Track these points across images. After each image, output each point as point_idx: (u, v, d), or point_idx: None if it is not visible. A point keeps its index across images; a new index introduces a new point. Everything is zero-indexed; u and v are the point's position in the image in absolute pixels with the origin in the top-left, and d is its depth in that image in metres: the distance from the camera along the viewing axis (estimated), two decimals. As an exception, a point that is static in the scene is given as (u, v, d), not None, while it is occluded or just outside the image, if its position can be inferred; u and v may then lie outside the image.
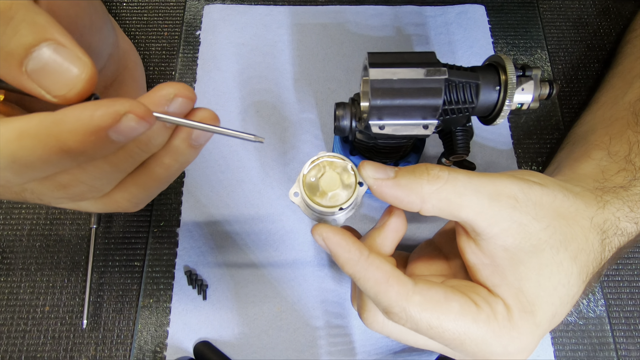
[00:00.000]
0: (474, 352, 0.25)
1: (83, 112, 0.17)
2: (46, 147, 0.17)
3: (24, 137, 0.17)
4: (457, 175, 0.25)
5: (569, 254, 0.26)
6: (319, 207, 0.27)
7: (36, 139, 0.17)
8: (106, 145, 0.18)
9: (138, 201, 0.24)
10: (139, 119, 0.18)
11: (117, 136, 0.18)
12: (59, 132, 0.17)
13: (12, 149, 0.17)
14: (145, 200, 0.24)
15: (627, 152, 0.34)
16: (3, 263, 0.43)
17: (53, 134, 0.17)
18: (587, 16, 0.54)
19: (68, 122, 0.17)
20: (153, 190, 0.24)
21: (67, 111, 0.17)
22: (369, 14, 0.53)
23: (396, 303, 0.24)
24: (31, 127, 0.17)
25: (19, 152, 0.17)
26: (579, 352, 0.41)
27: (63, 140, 0.17)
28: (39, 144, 0.17)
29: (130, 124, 0.18)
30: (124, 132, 0.18)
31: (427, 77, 0.30)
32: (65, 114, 0.17)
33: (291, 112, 0.48)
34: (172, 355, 0.40)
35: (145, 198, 0.24)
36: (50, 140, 0.17)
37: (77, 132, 0.17)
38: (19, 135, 0.17)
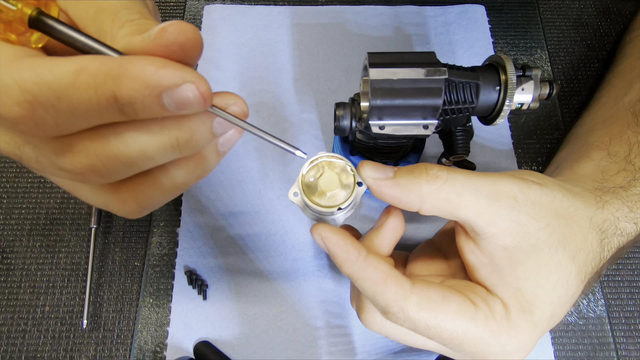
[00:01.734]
0: (472, 351, 0.25)
1: (148, 65, 0.17)
2: (100, 88, 0.16)
3: (83, 73, 0.16)
4: (456, 175, 0.25)
5: (568, 253, 0.26)
6: (317, 207, 0.27)
7: (94, 77, 0.16)
8: (154, 107, 0.17)
9: (145, 206, 0.22)
10: (197, 93, 0.17)
11: (169, 102, 0.17)
12: (119, 75, 0.16)
13: (67, 82, 0.16)
14: (151, 208, 0.23)
15: (627, 152, 0.34)
16: (3, 263, 0.43)
17: (112, 76, 0.16)
18: (587, 16, 0.54)
19: (131, 69, 0.16)
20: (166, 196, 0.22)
21: (133, 59, 0.17)
22: (369, 14, 0.53)
23: (394, 303, 0.24)
24: (93, 65, 0.16)
25: (72, 88, 0.16)
26: (579, 352, 0.41)
27: (119, 86, 0.16)
28: (95, 82, 0.16)
29: (187, 94, 0.17)
30: (177, 100, 0.17)
31: (427, 77, 0.30)
32: (130, 61, 0.17)
33: (291, 112, 0.48)
34: (172, 355, 0.40)
35: (153, 204, 0.22)
36: (108, 82, 0.16)
37: (136, 81, 0.16)
38: (79, 69, 0.16)
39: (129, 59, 0.17)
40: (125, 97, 0.16)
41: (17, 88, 0.16)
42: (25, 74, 0.16)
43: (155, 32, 0.17)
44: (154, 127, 0.19)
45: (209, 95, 0.18)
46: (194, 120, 0.19)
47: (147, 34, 0.17)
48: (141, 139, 0.18)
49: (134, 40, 0.18)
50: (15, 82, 0.16)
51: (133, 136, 0.18)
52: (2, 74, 0.16)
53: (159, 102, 0.17)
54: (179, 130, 0.19)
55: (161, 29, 0.17)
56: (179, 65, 0.17)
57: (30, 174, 0.46)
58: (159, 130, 0.19)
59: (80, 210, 0.45)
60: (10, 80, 0.16)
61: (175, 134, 0.19)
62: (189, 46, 0.18)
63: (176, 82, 0.17)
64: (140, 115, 0.17)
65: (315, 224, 0.26)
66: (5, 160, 0.46)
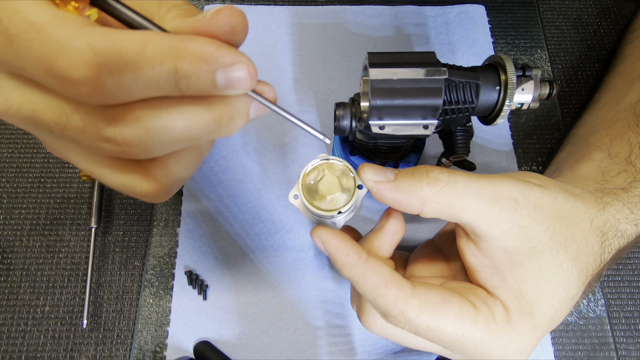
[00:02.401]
0: (473, 354, 0.25)
1: (208, 43, 0.18)
2: (165, 59, 0.17)
3: (150, 44, 0.17)
4: (457, 177, 0.25)
5: (569, 256, 0.26)
6: (318, 210, 0.28)
7: (160, 48, 0.17)
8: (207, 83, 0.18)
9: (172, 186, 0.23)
10: (247, 73, 0.19)
11: (221, 79, 0.18)
12: (182, 49, 0.17)
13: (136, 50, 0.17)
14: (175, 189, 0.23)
15: (628, 153, 0.34)
16: (3, 263, 0.43)
17: (176, 49, 0.17)
18: (587, 16, 0.54)
19: (192, 45, 0.18)
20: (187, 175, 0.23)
21: (194, 37, 0.18)
22: (369, 14, 0.53)
23: (394, 306, 0.24)
24: (157, 38, 0.17)
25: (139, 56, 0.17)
26: (579, 352, 0.41)
27: (181, 58, 0.17)
28: (161, 53, 0.17)
29: (239, 73, 0.19)
30: (229, 78, 0.18)
31: (427, 77, 0.30)
32: (191, 38, 0.18)
33: (291, 111, 0.48)
34: (172, 355, 0.40)
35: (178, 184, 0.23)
36: (172, 54, 0.17)
37: (196, 56, 0.18)
38: (145, 41, 0.17)
39: (189, 36, 0.18)
40: (185, 69, 0.18)
41: (89, 50, 0.17)
42: (98, 39, 0.17)
43: (211, 14, 0.19)
44: (202, 103, 0.20)
45: (256, 77, 0.20)
46: (237, 101, 0.21)
47: (202, 15, 0.19)
48: (189, 113, 0.19)
49: (185, 22, 0.19)
50: (88, 44, 0.17)
51: (182, 110, 0.19)
52: (76, 36, 0.17)
53: (212, 79, 0.18)
54: (223, 109, 0.20)
55: (216, 11, 0.19)
56: (232, 48, 0.19)
57: (30, 174, 0.46)
58: (206, 106, 0.20)
59: (80, 210, 0.45)
60: (83, 41, 0.17)
61: (219, 112, 0.20)
62: (239, 29, 0.19)
63: (231, 60, 0.18)
64: (191, 90, 0.18)
65: (316, 226, 0.27)
66: (5, 160, 0.46)
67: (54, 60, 0.17)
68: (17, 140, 0.47)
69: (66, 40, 0.17)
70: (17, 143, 0.47)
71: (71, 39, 0.17)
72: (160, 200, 0.23)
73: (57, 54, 0.17)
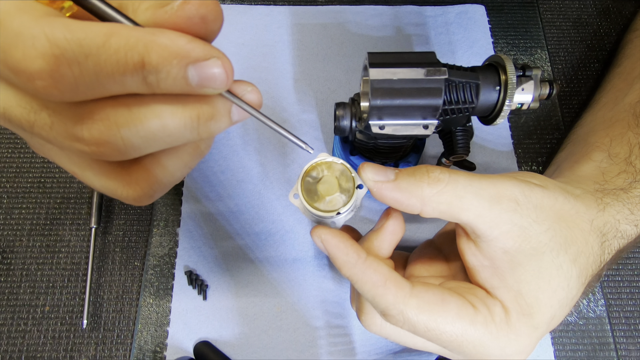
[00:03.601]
0: (471, 353, 0.25)
1: (179, 37, 0.17)
2: (131, 51, 0.16)
3: (115, 36, 0.16)
4: (457, 177, 0.25)
5: (569, 256, 0.26)
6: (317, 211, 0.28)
7: (126, 40, 0.16)
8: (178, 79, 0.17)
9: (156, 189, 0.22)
10: (222, 70, 0.18)
11: (193, 75, 0.17)
12: (150, 42, 0.16)
13: (98, 41, 0.16)
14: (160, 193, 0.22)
15: (628, 154, 0.34)
16: (3, 263, 0.43)
17: (144, 42, 0.16)
18: (587, 16, 0.54)
19: (162, 37, 0.17)
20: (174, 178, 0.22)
21: (164, 30, 0.17)
22: (369, 14, 0.53)
23: (393, 306, 0.24)
24: (124, 30, 0.17)
25: (102, 48, 0.16)
26: (579, 352, 0.41)
27: (148, 51, 0.16)
28: (126, 45, 0.16)
29: (212, 69, 0.17)
30: (201, 74, 0.17)
31: (427, 77, 0.30)
32: (161, 31, 0.17)
33: (291, 112, 0.48)
34: (172, 355, 0.40)
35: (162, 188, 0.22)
36: (139, 46, 0.16)
37: (166, 50, 0.17)
38: (110, 32, 0.16)
39: (159, 30, 0.17)
40: (154, 63, 0.17)
41: (46, 40, 0.16)
42: (57, 29, 0.16)
43: (178, 4, 0.17)
44: (177, 102, 0.19)
45: (231, 74, 0.18)
46: (215, 101, 0.19)
47: (170, 6, 0.18)
48: (163, 112, 0.18)
49: (157, 13, 0.18)
50: (45, 34, 0.16)
51: (155, 108, 0.18)
52: (33, 25, 0.16)
53: (184, 75, 0.17)
54: (200, 108, 0.19)
55: (183, 1, 0.17)
56: (205, 42, 0.18)
57: (30, 174, 0.46)
58: (181, 105, 0.19)
59: (80, 210, 0.45)
60: (40, 31, 0.16)
61: (196, 112, 0.19)
62: (210, 19, 0.18)
63: (204, 55, 0.17)
64: (161, 87, 0.17)
65: (315, 226, 0.27)
66: (5, 161, 0.46)
67: (8, 50, 0.16)
68: (17, 140, 0.47)
69: (22, 29, 0.16)
70: (17, 143, 0.47)
71: (28, 28, 0.16)
72: (144, 203, 0.22)
73: (12, 43, 0.16)
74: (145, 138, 0.18)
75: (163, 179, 0.21)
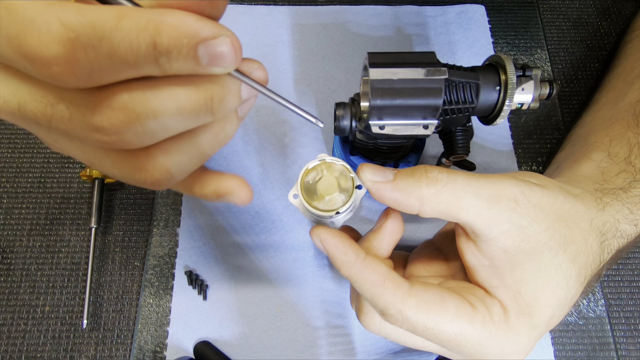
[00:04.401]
0: (470, 353, 0.25)
1: (188, 16, 0.17)
2: (143, 33, 0.16)
3: (126, 17, 0.16)
4: (456, 177, 0.25)
5: (568, 256, 0.26)
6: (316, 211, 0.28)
7: (137, 22, 0.16)
8: (188, 58, 0.17)
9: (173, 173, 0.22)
10: (231, 47, 0.18)
11: (203, 54, 0.17)
12: (161, 22, 0.16)
13: (111, 24, 0.16)
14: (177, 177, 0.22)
15: (627, 153, 0.34)
16: (3, 263, 0.43)
17: (154, 23, 0.16)
18: (587, 16, 0.54)
19: (172, 18, 0.17)
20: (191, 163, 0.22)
21: (173, 11, 0.17)
22: (369, 14, 0.53)
23: (392, 305, 0.24)
24: (134, 12, 0.17)
25: (114, 30, 0.16)
26: (579, 352, 0.41)
27: (160, 32, 0.16)
28: (138, 27, 0.16)
29: (222, 48, 0.18)
30: (212, 52, 0.17)
31: (427, 77, 0.30)
32: (170, 12, 0.17)
33: (291, 113, 0.48)
34: (172, 355, 0.40)
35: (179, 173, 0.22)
36: (150, 27, 0.16)
37: (176, 30, 0.17)
38: (121, 14, 0.16)
39: (168, 10, 0.17)
40: (165, 44, 0.17)
41: (60, 25, 0.16)
42: (70, 13, 0.16)
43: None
44: (190, 84, 0.19)
45: (240, 52, 0.18)
46: (226, 80, 0.20)
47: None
48: (178, 95, 0.19)
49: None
50: (59, 18, 0.16)
51: (170, 92, 0.18)
52: (46, 10, 0.16)
53: (194, 54, 0.17)
54: (213, 89, 0.19)
55: None
56: (214, 21, 0.18)
57: (30, 174, 0.46)
58: (194, 87, 0.19)
59: (80, 210, 0.45)
60: (54, 16, 0.16)
61: (210, 92, 0.19)
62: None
63: (213, 34, 0.17)
64: (173, 68, 0.18)
65: (315, 226, 0.27)
66: (5, 161, 0.46)
67: (23, 38, 0.16)
68: (17, 140, 0.47)
69: (35, 15, 0.16)
70: (17, 143, 0.47)
71: (40, 13, 0.16)
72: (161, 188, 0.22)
73: (26, 30, 0.16)
74: (163, 122, 0.19)
75: (180, 163, 0.21)
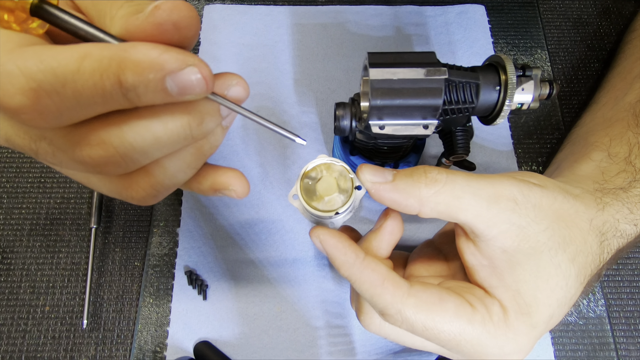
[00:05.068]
0: (470, 352, 0.25)
1: (152, 49, 0.17)
2: (105, 72, 0.16)
3: (88, 58, 0.16)
4: (455, 177, 0.25)
5: (567, 256, 0.26)
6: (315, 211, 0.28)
7: (99, 62, 0.16)
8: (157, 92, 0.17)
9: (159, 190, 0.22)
10: (200, 76, 0.17)
11: (172, 85, 0.17)
12: (123, 59, 0.16)
13: (72, 68, 0.16)
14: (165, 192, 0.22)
15: (627, 153, 0.34)
16: (3, 263, 0.43)
17: (117, 60, 0.16)
18: (587, 16, 0.54)
19: (134, 53, 0.16)
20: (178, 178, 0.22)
21: (136, 44, 0.17)
22: (369, 14, 0.53)
23: (391, 305, 0.25)
24: (96, 51, 0.16)
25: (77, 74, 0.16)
26: (579, 352, 0.41)
27: (123, 69, 0.16)
28: (100, 67, 0.16)
29: (190, 77, 0.17)
30: (180, 84, 0.17)
31: (427, 77, 0.30)
32: (133, 46, 0.17)
33: (291, 112, 0.48)
34: (172, 355, 0.40)
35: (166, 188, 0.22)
36: (112, 66, 0.16)
37: (139, 66, 0.16)
38: (83, 55, 0.16)
39: (132, 44, 0.17)
40: (130, 80, 0.16)
41: (21, 75, 0.16)
42: (30, 61, 0.16)
43: (149, 10, 0.17)
44: (165, 114, 0.19)
45: (211, 79, 0.18)
46: (202, 104, 0.19)
47: (142, 13, 0.17)
48: (154, 126, 0.18)
49: (129, 21, 0.17)
50: (19, 69, 0.16)
51: (146, 124, 0.18)
52: (5, 61, 0.16)
53: (162, 87, 0.17)
54: (189, 115, 0.19)
55: (154, 6, 0.17)
56: (180, 50, 0.17)
57: (30, 174, 0.46)
58: (170, 116, 0.19)
59: (80, 210, 0.45)
60: (14, 67, 0.16)
61: (186, 119, 0.19)
62: (183, 25, 0.17)
63: (179, 65, 0.17)
64: (143, 101, 0.17)
65: (314, 226, 0.27)
66: (5, 161, 0.46)
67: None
68: (17, 140, 0.47)
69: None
70: (17, 143, 0.47)
71: (1, 64, 0.16)
72: (149, 203, 0.22)
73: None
74: (142, 151, 0.19)
75: (165, 180, 0.21)
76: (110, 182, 0.21)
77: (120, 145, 0.18)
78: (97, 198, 0.44)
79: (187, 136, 0.19)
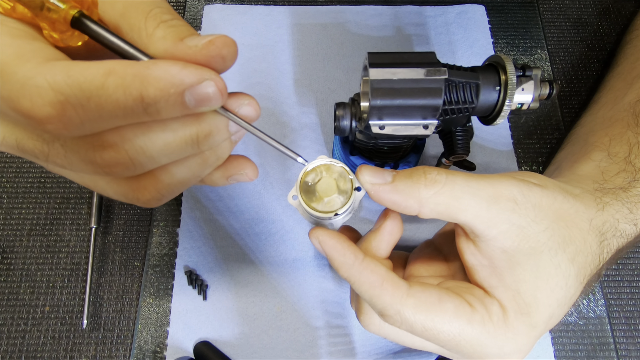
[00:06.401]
0: (469, 352, 0.25)
1: (172, 66, 0.18)
2: (129, 88, 0.17)
3: (112, 75, 0.17)
4: (454, 178, 0.25)
5: (567, 256, 0.26)
6: (315, 212, 0.28)
7: (123, 79, 0.17)
8: (176, 105, 0.18)
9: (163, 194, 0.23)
10: (216, 89, 0.19)
11: (190, 99, 0.18)
12: (146, 76, 0.17)
13: (97, 83, 0.17)
14: (169, 196, 0.24)
15: (627, 153, 0.34)
16: (3, 263, 0.43)
17: (140, 78, 0.17)
18: (587, 16, 0.54)
19: (156, 70, 0.18)
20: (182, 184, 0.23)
21: (157, 62, 0.18)
22: (369, 14, 0.53)
23: (390, 306, 0.25)
24: (120, 68, 0.17)
25: (101, 89, 0.17)
26: (579, 352, 0.41)
27: (146, 86, 0.17)
28: (124, 83, 0.17)
29: (207, 90, 0.19)
30: (198, 97, 0.19)
31: (427, 77, 0.30)
32: (155, 64, 0.18)
33: (291, 113, 0.48)
34: (172, 355, 0.40)
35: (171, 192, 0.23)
36: (135, 83, 0.17)
37: (161, 82, 0.18)
38: (108, 72, 0.17)
39: (153, 62, 0.18)
40: (152, 96, 0.18)
41: (50, 89, 0.17)
42: (58, 75, 0.17)
43: (203, 44, 0.19)
44: (177, 124, 0.20)
45: (225, 91, 0.20)
46: (212, 118, 0.21)
47: (194, 44, 0.19)
48: (165, 134, 0.20)
49: (177, 46, 0.19)
50: (48, 82, 0.17)
51: (158, 131, 0.20)
52: (35, 74, 0.17)
53: (182, 100, 0.18)
54: (199, 126, 0.20)
55: (209, 42, 0.19)
56: (197, 65, 0.19)
57: (30, 174, 0.46)
58: (181, 125, 0.20)
59: (80, 210, 0.45)
60: (43, 81, 0.17)
61: (195, 130, 0.20)
62: (229, 58, 0.20)
63: (198, 79, 0.18)
64: (162, 115, 0.19)
65: (313, 227, 0.27)
66: (5, 160, 0.46)
67: (16, 100, 0.17)
68: (17, 140, 0.47)
69: (26, 80, 0.17)
70: (17, 143, 0.47)
71: (31, 78, 0.17)
72: (153, 206, 0.24)
73: (19, 94, 0.17)
74: (151, 156, 0.20)
75: (170, 185, 0.23)
76: (117, 185, 0.23)
77: (131, 148, 0.20)
78: (97, 198, 0.44)
79: (194, 146, 0.21)
